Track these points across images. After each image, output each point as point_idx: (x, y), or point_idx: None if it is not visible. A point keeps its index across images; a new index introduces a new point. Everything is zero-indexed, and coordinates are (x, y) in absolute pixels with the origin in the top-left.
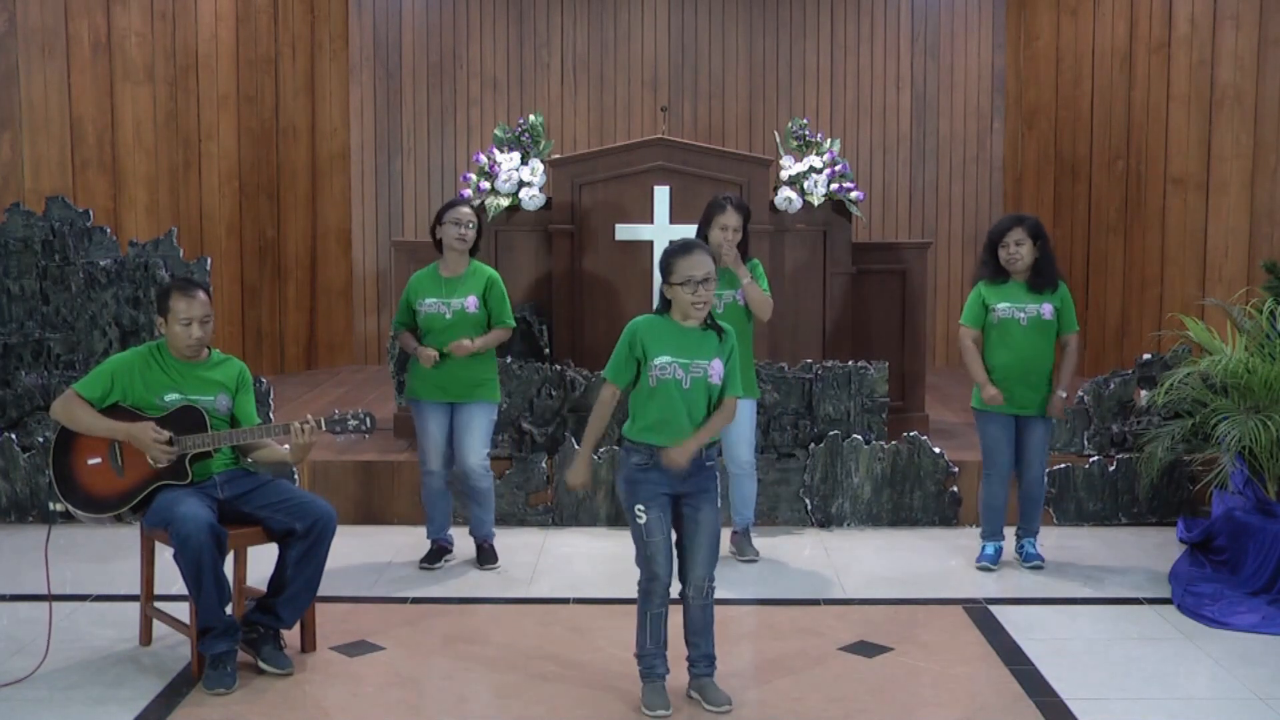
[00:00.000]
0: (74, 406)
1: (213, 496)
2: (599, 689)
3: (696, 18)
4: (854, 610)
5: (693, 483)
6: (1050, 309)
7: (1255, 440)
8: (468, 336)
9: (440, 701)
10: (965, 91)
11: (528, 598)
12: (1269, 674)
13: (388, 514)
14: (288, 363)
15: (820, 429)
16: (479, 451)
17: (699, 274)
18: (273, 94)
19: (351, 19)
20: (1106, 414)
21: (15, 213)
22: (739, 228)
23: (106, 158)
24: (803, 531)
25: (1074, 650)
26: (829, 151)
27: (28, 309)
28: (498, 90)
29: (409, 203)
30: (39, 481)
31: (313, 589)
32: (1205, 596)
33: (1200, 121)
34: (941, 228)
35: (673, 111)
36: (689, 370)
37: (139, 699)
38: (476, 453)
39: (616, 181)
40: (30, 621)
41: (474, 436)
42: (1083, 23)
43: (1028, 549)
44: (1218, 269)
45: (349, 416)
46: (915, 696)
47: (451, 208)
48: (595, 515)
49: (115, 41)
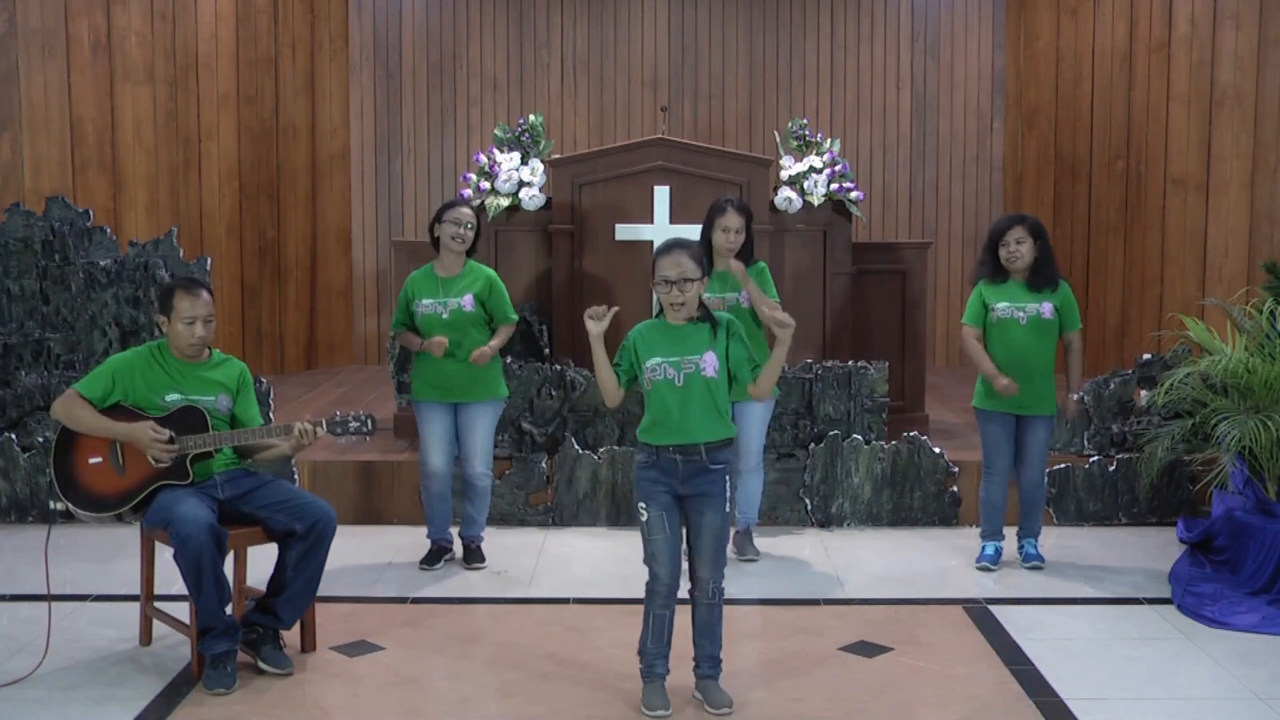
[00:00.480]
0: (74, 406)
1: (213, 496)
2: (599, 689)
3: (696, 18)
4: (854, 610)
5: (696, 484)
6: (1050, 308)
7: (1255, 440)
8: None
9: (440, 701)
10: (965, 91)
11: (528, 598)
12: (1269, 674)
13: (388, 514)
14: (288, 363)
15: (820, 429)
16: (483, 452)
17: (672, 274)
18: (273, 94)
19: (351, 19)
20: (1106, 414)
21: (15, 213)
22: (741, 229)
23: (106, 158)
24: (803, 531)
25: (1074, 650)
26: (829, 151)
27: (28, 309)
28: (498, 90)
29: (409, 203)
30: (39, 481)
31: (313, 589)
32: (1205, 596)
33: (1200, 121)
34: (941, 228)
35: (673, 111)
36: (680, 368)
37: (139, 699)
38: (481, 454)
39: (616, 181)
40: (30, 621)
41: (478, 437)
42: (1083, 23)
43: (1028, 549)
44: (1218, 269)
45: (350, 418)
46: (915, 696)
47: (452, 207)
48: (595, 515)
49: (115, 41)
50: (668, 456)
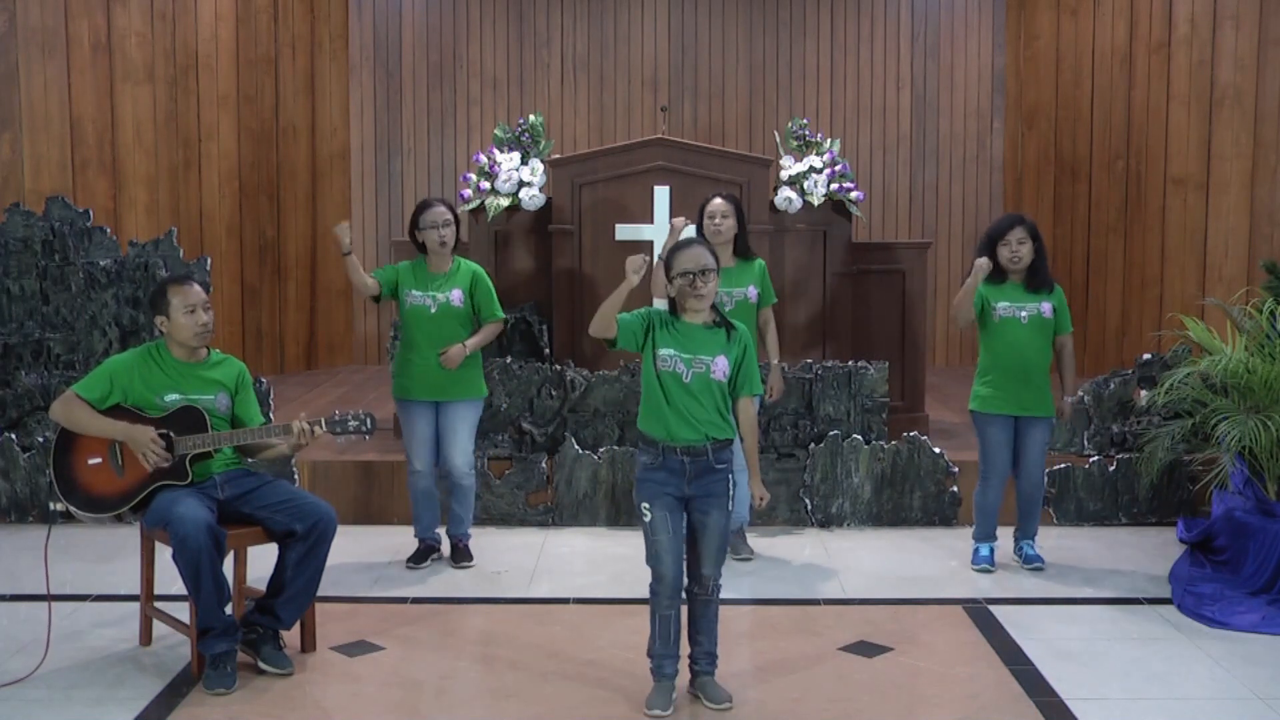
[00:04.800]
0: (73, 407)
1: (213, 497)
2: (599, 689)
3: (696, 18)
4: (854, 610)
5: (701, 485)
6: (1050, 308)
7: (1255, 440)
8: (459, 341)
9: (440, 702)
10: (965, 91)
11: (528, 598)
12: (1269, 674)
13: (387, 514)
14: (288, 363)
15: (820, 429)
16: (464, 451)
17: (692, 266)
18: (273, 94)
19: (351, 19)
20: (1106, 414)
21: (15, 213)
22: (727, 213)
23: (106, 158)
24: (802, 531)
25: (1074, 650)
26: (829, 151)
27: (28, 309)
28: (498, 90)
29: (409, 203)
30: (39, 481)
31: (313, 590)
32: (1205, 596)
33: (1200, 121)
34: (941, 228)
35: (673, 111)
36: (691, 365)
37: (139, 699)
38: (462, 452)
39: (616, 181)
40: (30, 621)
41: (460, 435)
42: (1083, 23)
43: (1027, 551)
44: (1218, 269)
45: (349, 418)
46: (915, 696)
47: (425, 210)
48: (595, 515)
49: (115, 41)
50: (675, 459)
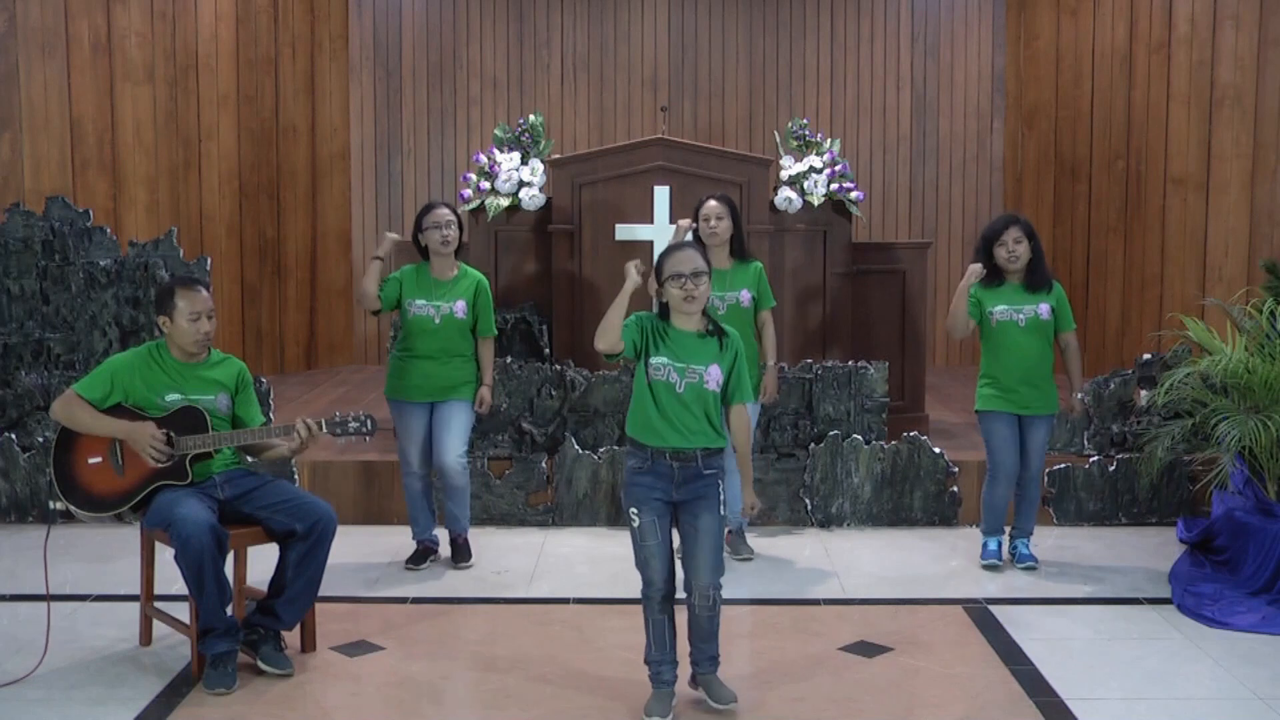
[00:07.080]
0: (74, 406)
1: (213, 497)
2: (599, 690)
3: (696, 18)
4: (854, 610)
5: (691, 489)
6: (1047, 309)
7: (1255, 440)
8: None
9: (440, 702)
10: (965, 91)
11: (528, 598)
12: (1269, 674)
13: (388, 514)
14: (288, 363)
15: (820, 429)
16: (457, 449)
17: (685, 268)
18: (273, 94)
19: (351, 19)
20: (1106, 414)
21: (15, 213)
22: (721, 215)
23: (106, 158)
24: (803, 531)
25: (1074, 650)
26: (829, 151)
27: (28, 309)
28: (498, 90)
29: (409, 203)
30: (39, 481)
31: (313, 590)
32: (1205, 596)
33: (1200, 121)
34: (941, 228)
35: (673, 111)
36: (684, 375)
37: (139, 699)
38: (454, 450)
39: (616, 181)
40: (30, 621)
41: (452, 434)
42: (1083, 23)
43: (1021, 550)
44: (1218, 269)
45: (350, 419)
46: (915, 696)
47: (429, 211)
48: (595, 515)
49: (115, 41)
50: (664, 463)
